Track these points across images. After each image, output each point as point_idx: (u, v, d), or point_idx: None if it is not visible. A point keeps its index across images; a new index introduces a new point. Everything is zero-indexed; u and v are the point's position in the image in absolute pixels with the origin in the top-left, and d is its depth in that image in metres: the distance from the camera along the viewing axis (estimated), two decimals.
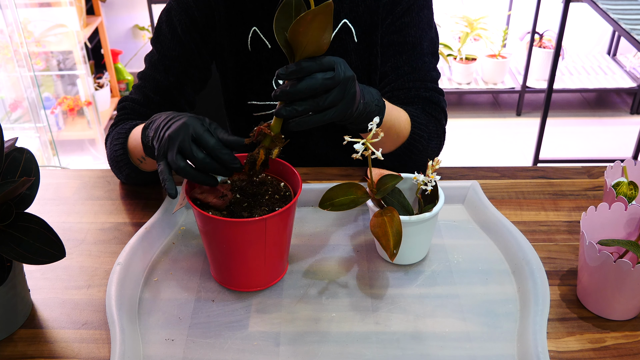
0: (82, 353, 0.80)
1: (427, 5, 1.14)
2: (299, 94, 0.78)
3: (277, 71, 0.78)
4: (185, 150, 0.81)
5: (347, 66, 0.83)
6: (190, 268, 0.93)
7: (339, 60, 0.81)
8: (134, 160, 1.03)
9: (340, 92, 0.81)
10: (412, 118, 1.06)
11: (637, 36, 2.08)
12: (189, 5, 1.11)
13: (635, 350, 0.79)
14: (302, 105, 0.80)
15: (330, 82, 0.79)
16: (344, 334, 0.82)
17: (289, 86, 0.79)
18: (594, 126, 3.28)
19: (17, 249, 0.74)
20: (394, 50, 1.13)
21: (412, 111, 1.08)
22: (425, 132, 1.08)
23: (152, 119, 0.91)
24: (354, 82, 0.83)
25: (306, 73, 0.78)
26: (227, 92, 1.24)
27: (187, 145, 0.81)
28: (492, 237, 0.99)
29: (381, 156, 0.82)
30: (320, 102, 0.80)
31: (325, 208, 0.88)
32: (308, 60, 0.78)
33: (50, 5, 2.79)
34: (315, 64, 0.78)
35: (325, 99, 0.80)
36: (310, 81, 0.78)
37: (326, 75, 0.79)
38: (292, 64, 0.78)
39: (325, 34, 0.74)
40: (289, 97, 0.79)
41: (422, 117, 1.09)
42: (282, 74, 0.78)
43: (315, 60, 0.78)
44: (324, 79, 0.79)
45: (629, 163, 0.94)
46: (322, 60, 0.79)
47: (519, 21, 3.52)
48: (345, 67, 0.82)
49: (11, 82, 2.75)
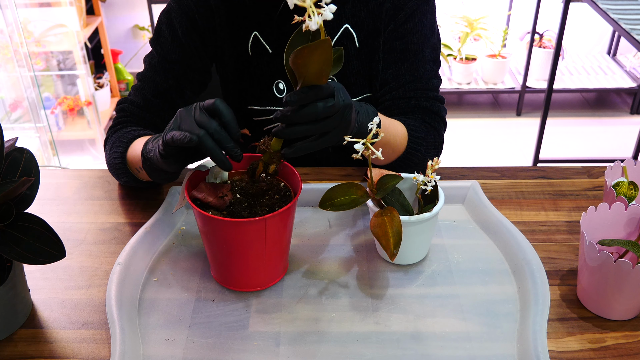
0: (82, 353, 0.80)
1: (430, 11, 1.13)
2: (299, 119, 0.81)
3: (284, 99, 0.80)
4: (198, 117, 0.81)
5: (346, 93, 0.85)
6: (190, 268, 0.93)
7: (338, 87, 0.84)
8: (132, 170, 1.03)
9: (337, 119, 0.83)
10: (409, 132, 1.07)
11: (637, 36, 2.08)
12: (190, 8, 1.11)
13: (635, 350, 0.80)
14: (300, 128, 0.82)
15: (330, 111, 0.82)
16: (344, 334, 0.82)
17: (291, 111, 0.81)
18: (594, 126, 3.28)
19: (17, 249, 0.74)
20: (396, 57, 1.12)
21: (411, 124, 1.08)
22: (422, 146, 1.08)
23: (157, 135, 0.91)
24: (351, 110, 0.86)
25: (308, 102, 0.80)
26: (227, 96, 1.24)
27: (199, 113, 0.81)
28: (492, 237, 0.99)
29: (381, 156, 0.83)
30: (318, 128, 0.83)
31: (325, 208, 0.88)
32: (310, 89, 0.80)
33: (50, 5, 2.79)
34: (316, 93, 0.80)
35: (324, 126, 0.83)
36: (312, 109, 0.80)
37: (327, 103, 0.81)
38: (295, 93, 0.80)
39: (324, 67, 0.76)
40: (289, 121, 0.82)
41: (421, 130, 1.09)
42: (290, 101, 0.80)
43: (316, 89, 0.80)
44: (325, 107, 0.81)
45: (629, 163, 0.94)
46: (323, 88, 0.81)
47: (519, 21, 3.52)
48: (344, 94, 0.84)
49: (11, 82, 2.75)
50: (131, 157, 1.01)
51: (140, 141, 1.00)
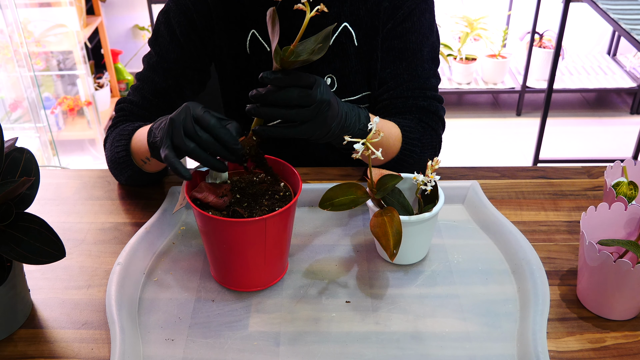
0: (82, 353, 0.80)
1: (429, 9, 1.13)
2: (273, 101, 0.82)
3: (262, 73, 0.81)
4: (189, 130, 0.80)
5: (328, 89, 0.86)
6: (190, 268, 0.93)
7: (321, 82, 0.84)
8: (137, 161, 1.03)
9: (311, 112, 0.84)
10: (404, 133, 1.07)
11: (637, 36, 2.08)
12: (187, 8, 1.10)
13: (635, 350, 0.80)
14: (271, 111, 0.83)
15: (304, 100, 0.82)
16: (344, 334, 0.82)
17: (266, 91, 0.82)
18: (594, 126, 3.28)
19: (17, 249, 0.74)
20: (394, 56, 1.12)
21: (406, 125, 1.08)
22: (417, 147, 1.08)
23: (159, 120, 0.90)
24: (328, 106, 0.86)
25: (286, 85, 0.81)
26: (226, 95, 1.24)
27: (190, 125, 0.80)
28: (492, 237, 0.98)
29: (381, 156, 0.83)
30: (289, 116, 0.84)
31: (325, 208, 0.88)
32: (290, 74, 0.80)
33: (50, 5, 2.79)
34: (295, 79, 0.81)
35: (295, 114, 0.84)
36: (286, 93, 0.82)
37: (302, 92, 0.82)
38: (278, 72, 0.80)
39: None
40: (262, 101, 0.83)
41: (417, 131, 1.09)
42: (265, 77, 0.81)
43: (296, 75, 0.81)
44: (299, 95, 0.82)
45: (629, 163, 0.94)
46: (303, 77, 0.82)
47: (519, 21, 3.52)
48: (325, 89, 0.85)
49: (11, 82, 2.75)
50: (136, 148, 1.01)
51: (143, 130, 1.00)
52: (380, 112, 1.14)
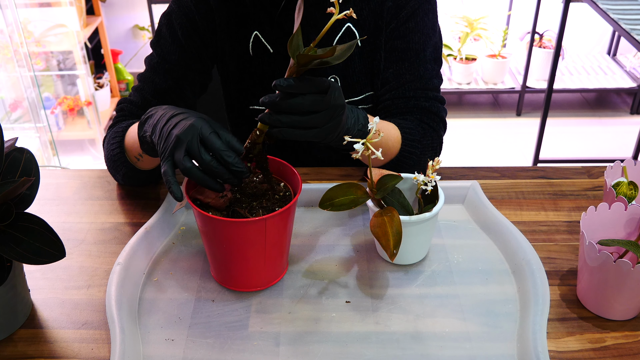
0: (82, 353, 0.80)
1: (431, 10, 1.13)
2: (286, 108, 0.81)
3: (275, 81, 0.80)
4: (193, 151, 0.80)
5: (341, 94, 0.85)
6: (190, 268, 0.93)
7: (334, 86, 0.84)
8: (130, 159, 1.02)
9: (325, 116, 0.84)
10: (404, 135, 1.06)
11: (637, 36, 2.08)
12: (190, 9, 1.10)
13: (635, 350, 0.80)
14: (285, 119, 0.83)
15: (319, 105, 0.82)
16: (344, 334, 0.82)
17: (279, 97, 0.81)
18: (594, 126, 3.28)
19: (17, 249, 0.74)
20: (397, 56, 1.12)
21: (406, 126, 1.08)
22: (417, 149, 1.08)
23: (149, 113, 0.90)
24: (342, 111, 0.86)
25: (301, 91, 0.80)
26: (228, 96, 1.24)
27: (195, 146, 0.80)
28: (492, 237, 0.98)
29: (381, 156, 0.83)
30: (304, 121, 0.83)
31: (325, 208, 0.88)
32: (304, 81, 0.79)
33: (50, 5, 2.79)
34: (309, 86, 0.80)
35: (309, 120, 0.83)
36: (300, 100, 0.81)
37: (316, 98, 0.81)
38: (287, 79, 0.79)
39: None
40: (276, 109, 0.82)
41: (417, 132, 1.08)
42: (279, 85, 0.80)
43: (310, 82, 0.80)
44: (313, 101, 0.81)
45: (629, 163, 0.94)
46: (317, 83, 0.81)
47: (519, 21, 3.52)
48: (339, 94, 0.84)
49: (11, 82, 2.75)
50: (129, 144, 1.01)
51: (135, 126, 0.99)
52: (382, 112, 1.14)
